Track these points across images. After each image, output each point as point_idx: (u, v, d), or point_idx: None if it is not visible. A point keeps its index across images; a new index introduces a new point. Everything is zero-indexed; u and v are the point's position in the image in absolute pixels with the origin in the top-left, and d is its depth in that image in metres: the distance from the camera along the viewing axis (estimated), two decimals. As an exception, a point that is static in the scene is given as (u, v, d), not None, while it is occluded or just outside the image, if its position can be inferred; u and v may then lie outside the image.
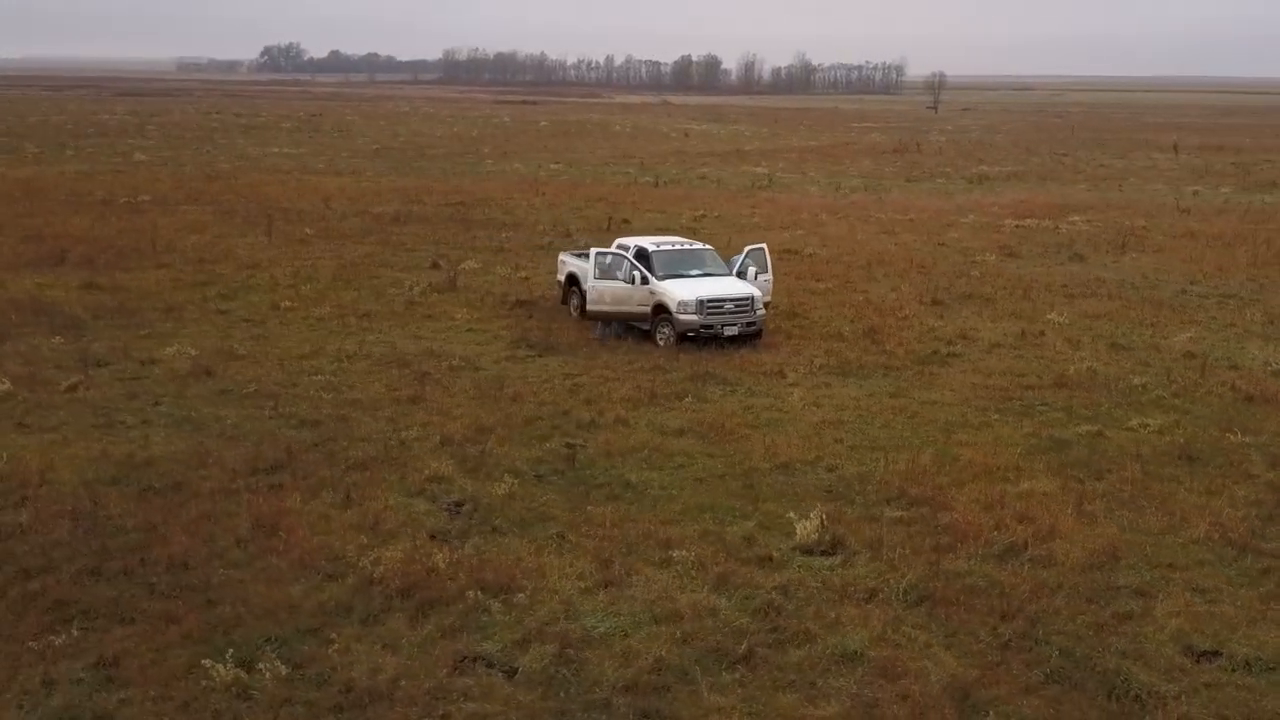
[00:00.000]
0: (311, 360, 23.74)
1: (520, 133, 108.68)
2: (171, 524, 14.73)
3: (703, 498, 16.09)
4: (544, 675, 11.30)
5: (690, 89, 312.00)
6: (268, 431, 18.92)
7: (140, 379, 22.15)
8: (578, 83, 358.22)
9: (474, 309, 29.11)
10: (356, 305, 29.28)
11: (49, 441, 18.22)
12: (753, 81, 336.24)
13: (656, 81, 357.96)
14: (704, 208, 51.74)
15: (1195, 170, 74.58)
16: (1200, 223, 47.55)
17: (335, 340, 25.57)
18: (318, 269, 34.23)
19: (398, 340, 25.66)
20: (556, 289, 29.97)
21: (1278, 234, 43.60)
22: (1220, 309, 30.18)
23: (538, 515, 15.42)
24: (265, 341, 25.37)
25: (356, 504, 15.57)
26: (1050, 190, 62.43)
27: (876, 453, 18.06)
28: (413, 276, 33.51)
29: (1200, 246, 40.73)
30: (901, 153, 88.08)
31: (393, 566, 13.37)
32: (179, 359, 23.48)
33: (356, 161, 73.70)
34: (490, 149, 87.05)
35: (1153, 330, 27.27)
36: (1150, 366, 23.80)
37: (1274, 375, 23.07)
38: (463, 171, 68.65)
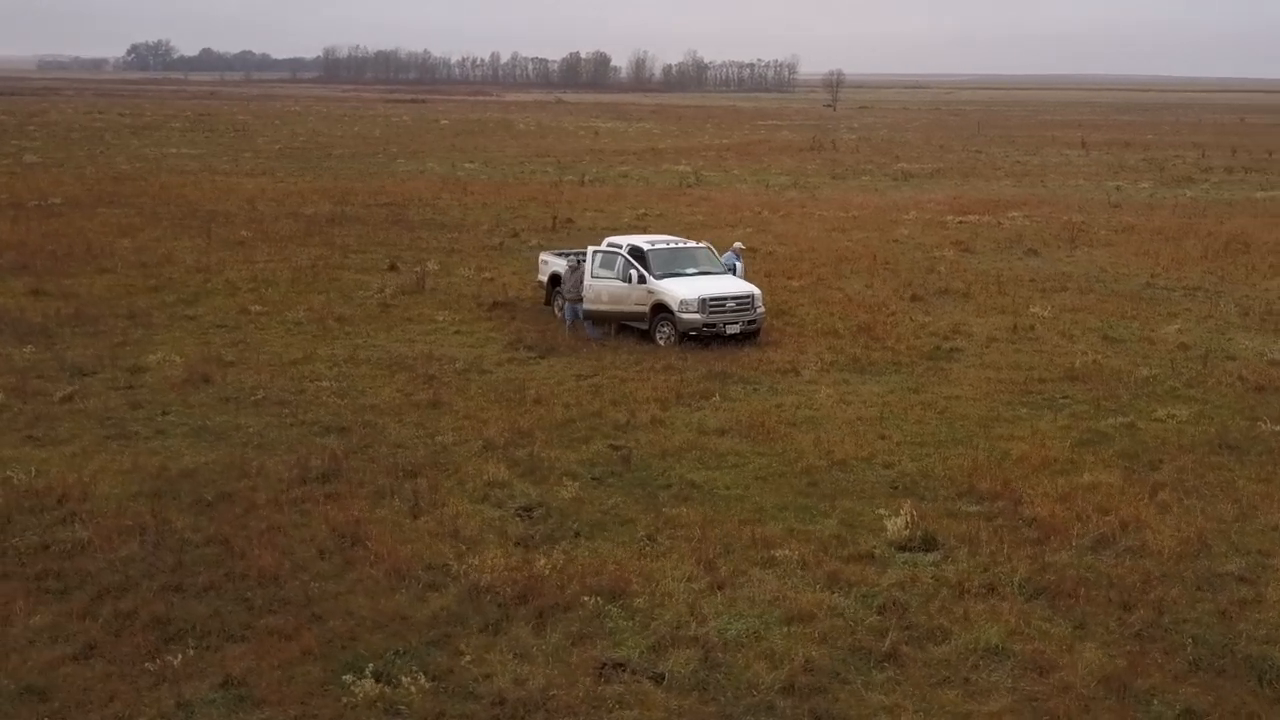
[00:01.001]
0: (307, 365, 23.29)
1: (424, 132, 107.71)
2: (241, 537, 14.34)
3: (773, 497, 16.16)
4: (694, 680, 11.26)
5: (580, 86, 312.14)
6: (295, 440, 18.52)
7: (135, 388, 21.52)
8: (463, 81, 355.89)
9: (453, 311, 28.82)
10: (330, 309, 28.77)
11: (68, 454, 17.61)
12: (644, 79, 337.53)
13: (544, 79, 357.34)
14: (642, 206, 51.88)
15: (1109, 166, 76.91)
16: (1136, 218, 49.05)
17: (323, 344, 25.11)
18: (273, 272, 33.57)
19: (387, 344, 25.29)
20: (539, 290, 29.78)
21: (1217, 227, 45.17)
22: (1191, 302, 31.19)
23: (614, 518, 15.35)
24: (250, 347, 24.82)
25: (427, 511, 15.33)
26: (977, 187, 63.88)
27: (926, 449, 18.32)
28: (375, 278, 33.09)
29: (1146, 241, 42.02)
30: (818, 150, 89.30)
31: (498, 574, 13.20)
32: (167, 366, 22.86)
33: (263, 162, 72.35)
34: (397, 149, 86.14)
35: (1138, 323, 28.08)
36: (1151, 359, 24.51)
37: (1273, 365, 23.91)
38: (377, 171, 67.82)
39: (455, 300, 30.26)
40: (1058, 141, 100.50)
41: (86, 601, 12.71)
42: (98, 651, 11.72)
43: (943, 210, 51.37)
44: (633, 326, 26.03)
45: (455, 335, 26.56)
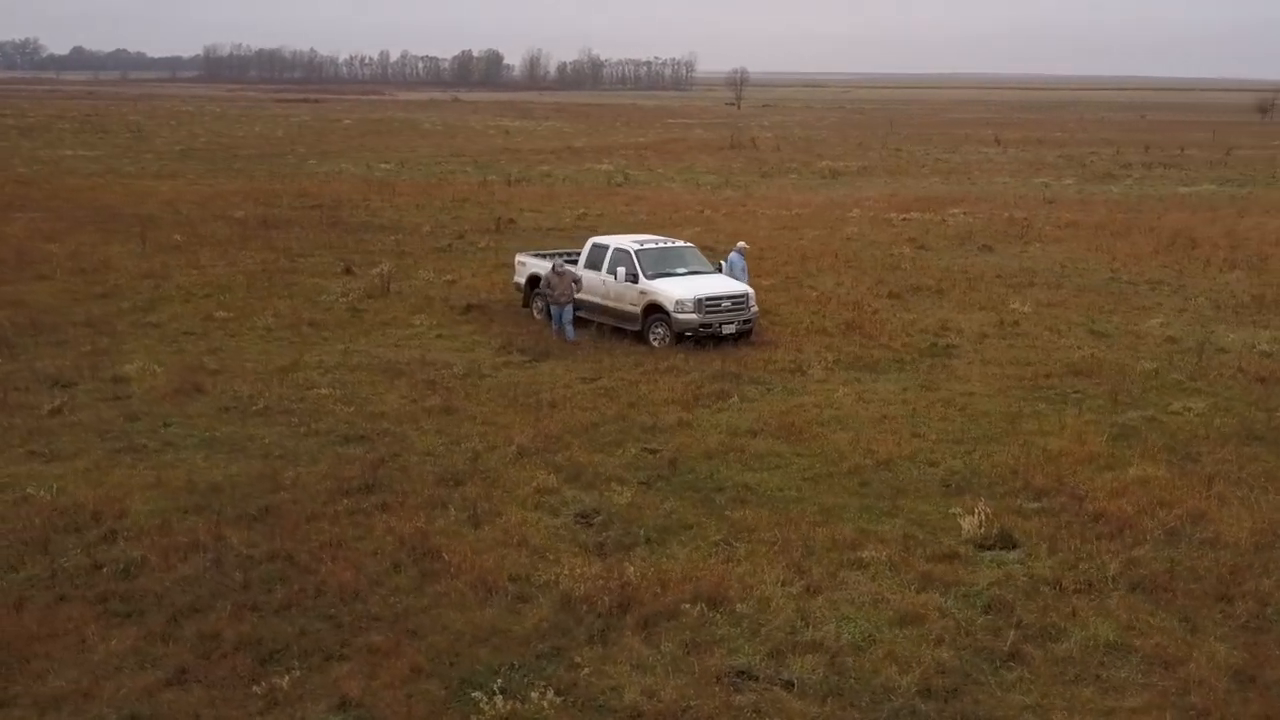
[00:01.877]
0: (298, 373, 22.74)
1: (328, 132, 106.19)
2: (303, 551, 13.92)
3: (829, 498, 16.15)
4: (826, 686, 11.18)
5: (473, 85, 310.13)
6: (315, 450, 18.06)
7: (124, 399, 20.81)
8: (352, 80, 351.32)
9: (427, 314, 28.39)
10: (299, 314, 28.16)
11: (81, 470, 16.95)
12: (539, 77, 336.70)
13: (436, 78, 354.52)
14: (580, 206, 51.73)
15: (1029, 163, 78.63)
16: (1075, 214, 50.14)
17: (306, 351, 24.56)
18: (223, 277, 32.80)
19: (371, 349, 24.82)
20: (515, 292, 29.47)
21: (1157, 222, 46.35)
22: (1160, 295, 31.96)
23: (677, 523, 15.21)
24: (229, 355, 24.18)
25: (487, 521, 15.03)
26: (909, 185, 64.81)
27: (963, 446, 18.47)
28: (333, 282, 32.50)
29: (1093, 236, 42.97)
30: (738, 149, 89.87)
31: (588, 584, 12.98)
32: (149, 376, 22.17)
33: (167, 164, 70.73)
34: (305, 149, 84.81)
35: (1119, 317, 28.69)
36: (1145, 353, 25.03)
37: (1265, 357, 24.58)
38: (291, 173, 66.68)
39: (425, 304, 29.81)
40: (972, 139, 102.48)
41: (163, 623, 12.22)
42: (191, 675, 11.27)
43: (884, 208, 52.02)
44: (622, 329, 25.88)
45: (438, 339, 26.15)
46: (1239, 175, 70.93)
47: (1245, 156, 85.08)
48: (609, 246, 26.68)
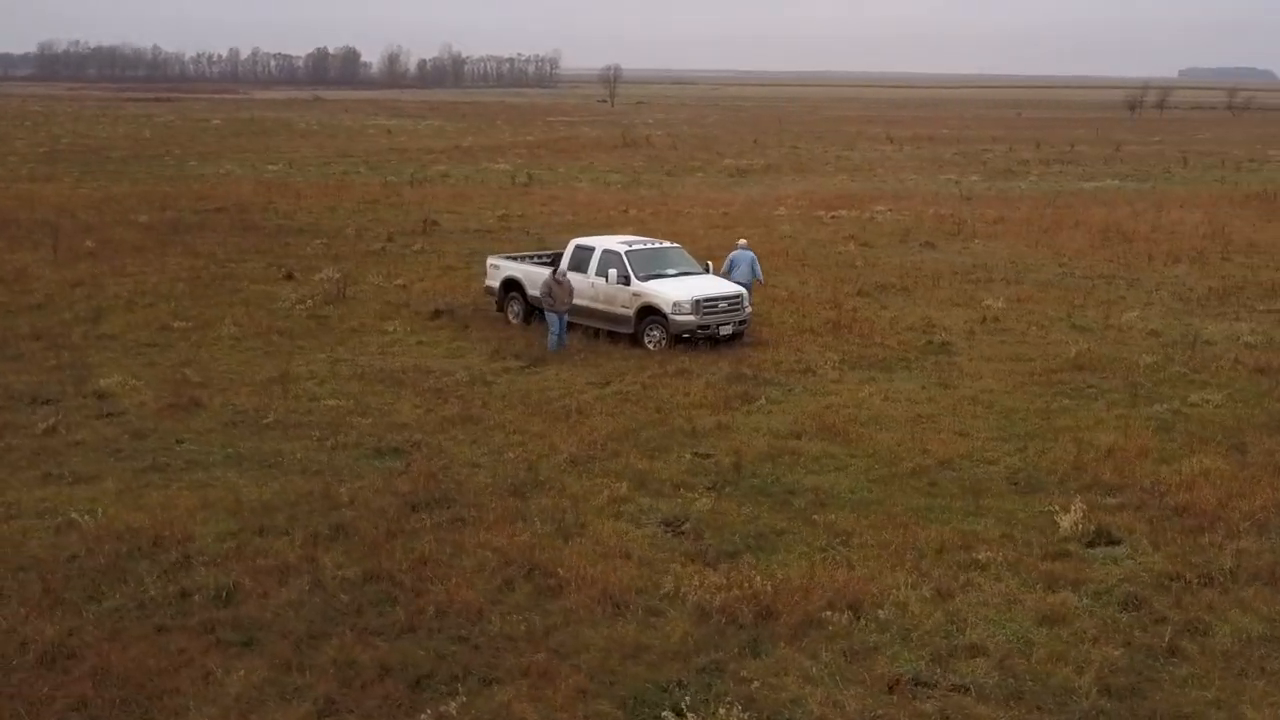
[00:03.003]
0: (293, 384, 22.10)
1: (198, 132, 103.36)
2: (402, 571, 13.50)
3: (906, 499, 16.22)
4: (1004, 689, 11.21)
5: (329, 83, 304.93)
6: (352, 464, 17.57)
7: (117, 415, 19.98)
8: (200, 78, 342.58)
9: (397, 320, 27.83)
10: (260, 322, 27.36)
11: (112, 492, 16.20)
12: (398, 74, 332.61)
13: (290, 76, 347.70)
14: (498, 207, 51.32)
15: (929, 160, 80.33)
16: (995, 210, 51.30)
17: (288, 361, 23.88)
18: (160, 286, 31.73)
19: (359, 358, 24.23)
20: (487, 296, 29.05)
21: (1083, 217, 47.72)
22: (1117, 289, 32.87)
23: (768, 529, 15.13)
24: (206, 366, 23.39)
25: (575, 533, 14.76)
26: (820, 182, 65.63)
27: (1013, 443, 18.73)
28: (279, 289, 31.73)
29: (1025, 232, 44.01)
30: (633, 147, 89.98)
31: (724, 595, 12.82)
32: (133, 391, 21.37)
33: (36, 167, 68.20)
34: (180, 150, 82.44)
35: (1094, 312, 29.45)
36: (1136, 346, 25.69)
37: (1249, 348, 25.45)
38: (176, 175, 64.81)
39: (391, 309, 29.22)
40: (864, 137, 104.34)
41: (287, 651, 11.71)
42: (342, 706, 10.84)
43: (809, 205, 52.58)
44: (610, 331, 25.70)
45: (419, 346, 25.65)
46: (1135, 171, 73.46)
47: (1133, 153, 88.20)
48: (595, 248, 26.44)
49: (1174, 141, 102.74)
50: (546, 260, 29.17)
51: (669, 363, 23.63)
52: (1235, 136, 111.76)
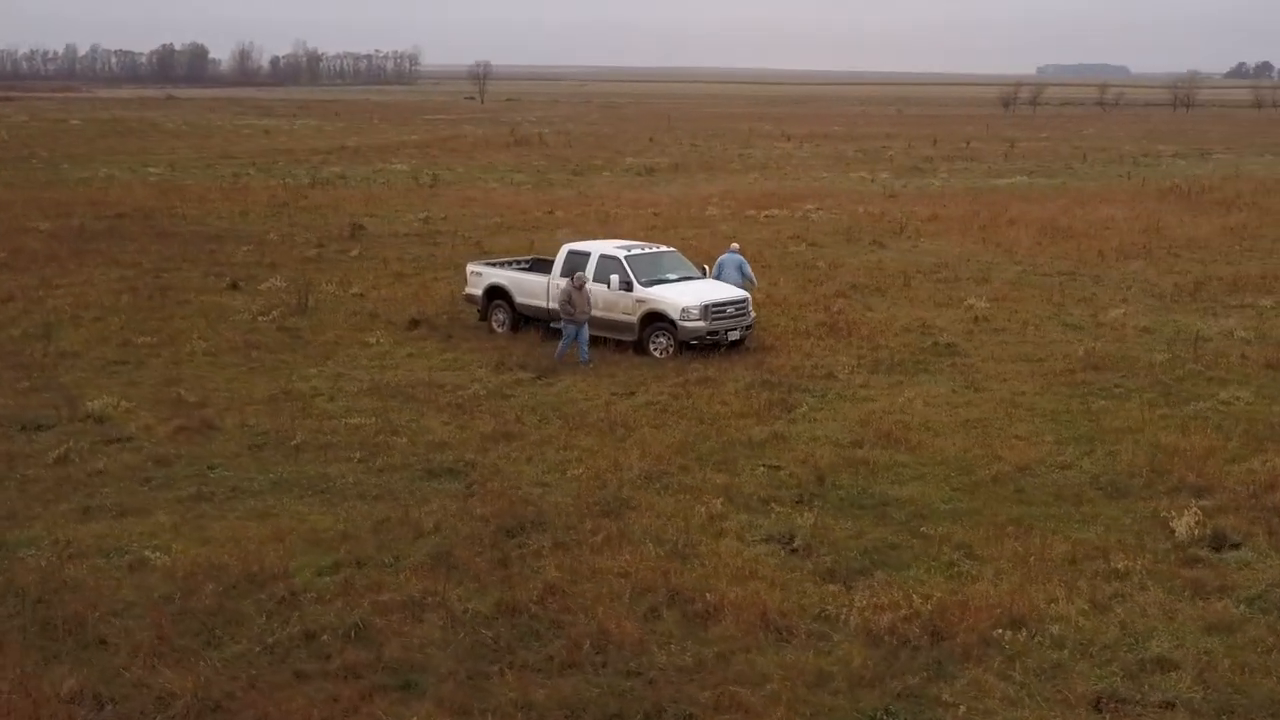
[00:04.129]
0: (301, 401, 21.36)
1: (58, 134, 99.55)
2: (534, 603, 12.98)
3: (1003, 508, 16.13)
4: (1212, 703, 11.13)
5: (176, 81, 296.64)
6: (408, 486, 16.97)
7: (127, 441, 19.01)
8: (35, 76, 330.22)
9: (381, 332, 26.99)
10: (228, 337, 26.36)
11: (168, 526, 15.35)
12: (250, 72, 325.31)
13: (132, 73, 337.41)
14: (419, 210, 50.46)
15: (833, 158, 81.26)
16: (925, 207, 51.99)
17: (281, 378, 23.07)
18: (101, 299, 30.42)
19: (358, 373, 23.48)
20: (467, 304, 28.40)
21: (1020, 214, 48.64)
22: (1085, 286, 33.39)
23: (880, 543, 14.93)
24: (197, 385, 22.43)
25: (693, 556, 14.39)
26: (734, 180, 65.80)
27: (1076, 446, 18.78)
28: (230, 299, 30.76)
29: (965, 230, 44.65)
30: (527, 146, 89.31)
31: (891, 617, 12.57)
32: (129, 414, 20.42)
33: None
34: (47, 152, 79.37)
35: (1079, 310, 29.94)
36: (1135, 344, 26.16)
37: (1248, 343, 26.09)
38: (51, 179, 62.45)
39: (363, 320, 28.42)
40: (757, 134, 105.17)
41: (456, 694, 11.15)
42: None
43: (737, 205, 52.64)
44: (608, 339, 25.30)
45: (411, 359, 24.94)
46: (1039, 167, 75.25)
47: (1028, 149, 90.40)
48: (591, 254, 25.97)
49: (1061, 138, 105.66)
50: (525, 266, 28.64)
51: (685, 371, 23.32)
52: (1119, 132, 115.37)
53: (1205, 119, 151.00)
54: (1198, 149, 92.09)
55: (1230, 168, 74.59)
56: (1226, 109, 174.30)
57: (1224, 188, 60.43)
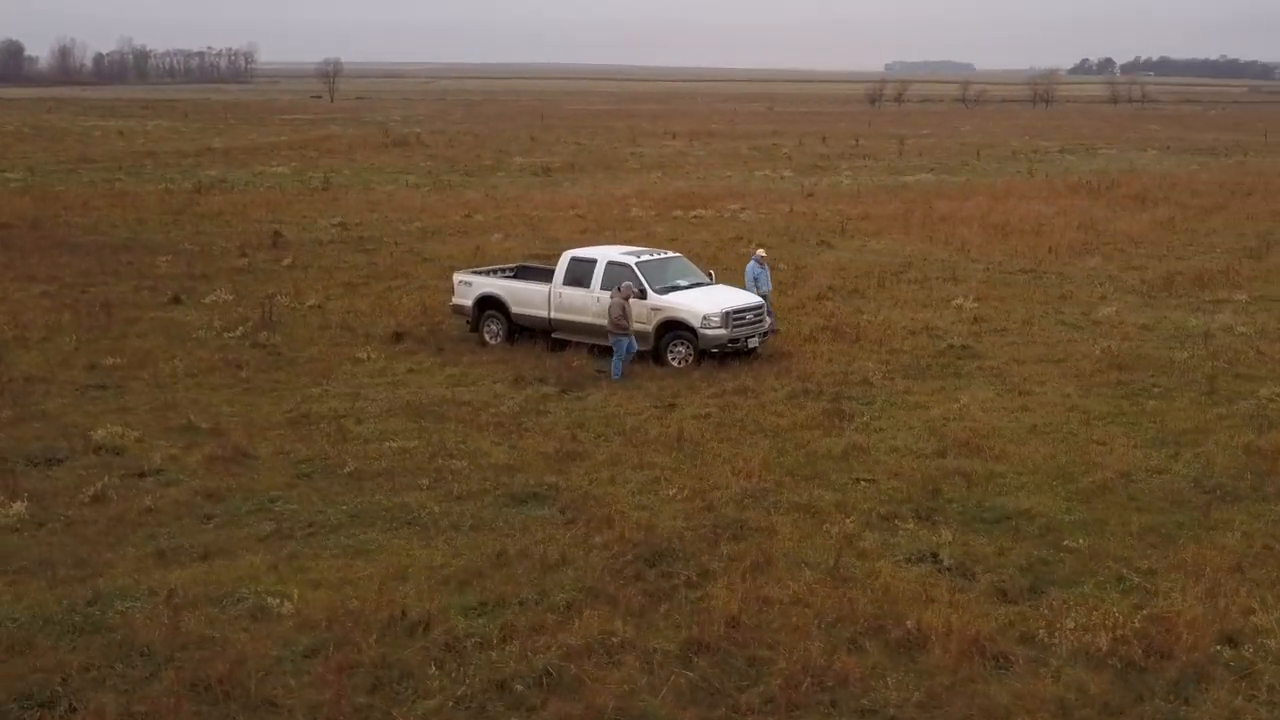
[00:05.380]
0: (321, 425, 20.27)
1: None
2: (720, 640, 12.38)
3: (1132, 516, 15.95)
4: None
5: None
6: (499, 515, 16.17)
7: (159, 473, 17.87)
8: None
9: (369, 348, 25.93)
10: (202, 357, 25.07)
11: (262, 567, 14.35)
12: (72, 69, 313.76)
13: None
14: (325, 214, 49.15)
15: (728, 156, 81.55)
16: (851, 205, 52.38)
17: (288, 399, 22.00)
18: (40, 317, 28.77)
19: (374, 393, 22.51)
20: (455, 315, 27.50)
21: (951, 211, 49.30)
22: (1052, 284, 33.88)
23: (1031, 559, 14.63)
24: (202, 410, 21.20)
25: (852, 580, 13.94)
26: (638, 180, 65.46)
27: (1160, 450, 18.78)
28: (182, 315, 29.59)
29: (904, 228, 45.11)
30: (406, 146, 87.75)
31: (1098, 639, 12.29)
32: (140, 444, 19.29)
33: None
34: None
35: (1069, 308, 30.31)
36: (1142, 341, 26.50)
37: (1252, 339, 26.67)
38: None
39: (340, 335, 27.39)
40: (640, 132, 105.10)
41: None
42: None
43: (658, 206, 52.33)
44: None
45: (413, 375, 24.02)
46: (935, 164, 76.61)
47: (916, 146, 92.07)
48: (597, 260, 25.30)
49: (945, 134, 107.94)
50: (511, 274, 27.88)
51: (715, 381, 22.91)
52: (995, 129, 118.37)
53: (1071, 115, 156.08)
54: (1080, 144, 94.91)
55: (1123, 163, 76.95)
56: (1085, 105, 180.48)
57: (1129, 183, 62.23)
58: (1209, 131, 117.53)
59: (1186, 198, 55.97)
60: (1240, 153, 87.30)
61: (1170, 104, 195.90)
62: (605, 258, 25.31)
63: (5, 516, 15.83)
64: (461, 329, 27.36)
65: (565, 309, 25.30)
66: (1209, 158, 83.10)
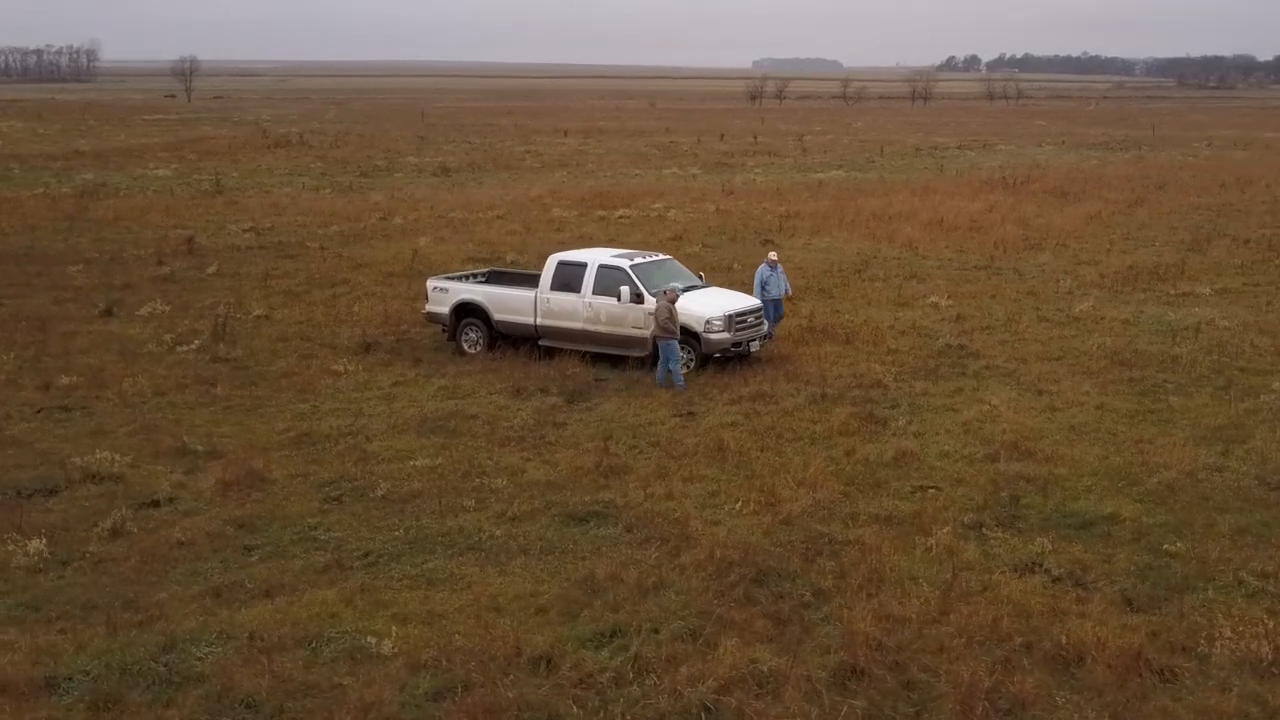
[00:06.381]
0: (328, 445, 19.45)
1: None
2: (870, 663, 11.95)
3: (1216, 518, 15.94)
4: None
5: None
6: (564, 534, 15.59)
7: (171, 503, 16.93)
8: None
9: (342, 360, 25.00)
10: (163, 374, 23.96)
11: (338, 601, 13.57)
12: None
13: None
14: (235, 219, 47.63)
15: (632, 154, 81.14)
16: (778, 203, 52.29)
17: (281, 419, 21.09)
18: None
19: (373, 408, 21.68)
20: (428, 323, 26.68)
21: (881, 209, 49.53)
22: (1012, 279, 34.19)
23: (1143, 566, 14.44)
24: (188, 430, 20.13)
25: (972, 593, 13.61)
26: (547, 179, 64.66)
27: (1207, 447, 18.81)
28: (123, 329, 28.37)
29: (841, 225, 45.21)
30: (286, 147, 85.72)
31: (1260, 647, 12.14)
32: (134, 469, 18.42)
33: None
34: None
35: (1046, 304, 30.51)
36: (1132, 336, 26.75)
37: (1233, 331, 27.09)
38: None
39: (303, 347, 26.44)
40: (527, 130, 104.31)
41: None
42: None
43: (578, 205, 51.65)
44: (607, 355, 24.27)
45: (399, 389, 23.21)
46: (842, 160, 77.20)
47: (817, 143, 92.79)
48: (587, 264, 24.68)
49: (838, 132, 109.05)
50: (483, 279, 27.16)
51: (728, 387, 22.56)
52: (885, 125, 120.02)
53: (954, 112, 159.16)
54: (975, 141, 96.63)
55: (1024, 158, 78.43)
56: (963, 101, 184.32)
57: (1041, 179, 63.21)
58: (1094, 127, 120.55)
59: (1104, 192, 57.03)
60: (1135, 147, 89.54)
61: (1043, 100, 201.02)
62: (596, 261, 24.71)
63: (25, 556, 14.77)
64: (434, 338, 26.55)
65: (554, 315, 24.66)
66: (1106, 153, 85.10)
